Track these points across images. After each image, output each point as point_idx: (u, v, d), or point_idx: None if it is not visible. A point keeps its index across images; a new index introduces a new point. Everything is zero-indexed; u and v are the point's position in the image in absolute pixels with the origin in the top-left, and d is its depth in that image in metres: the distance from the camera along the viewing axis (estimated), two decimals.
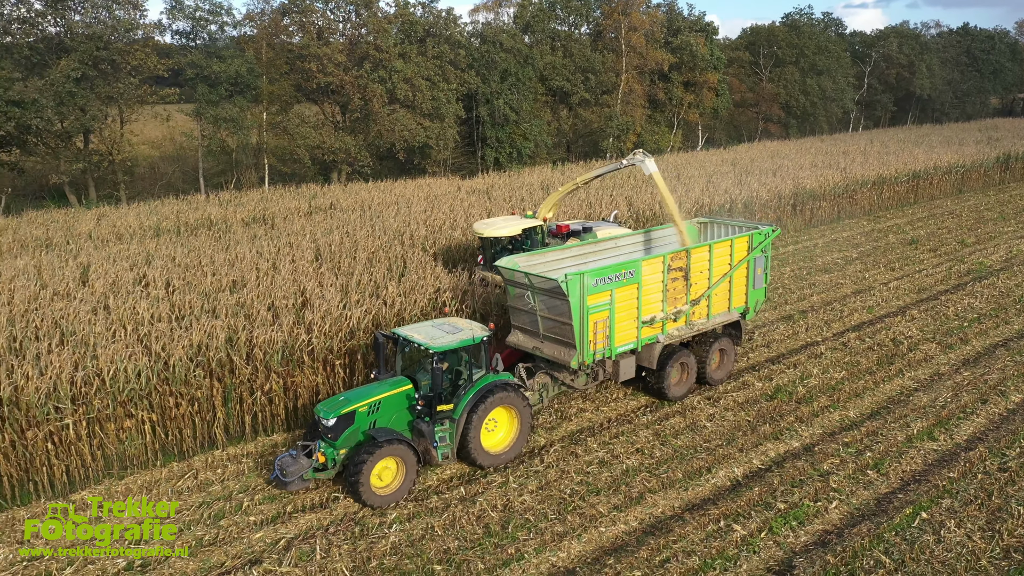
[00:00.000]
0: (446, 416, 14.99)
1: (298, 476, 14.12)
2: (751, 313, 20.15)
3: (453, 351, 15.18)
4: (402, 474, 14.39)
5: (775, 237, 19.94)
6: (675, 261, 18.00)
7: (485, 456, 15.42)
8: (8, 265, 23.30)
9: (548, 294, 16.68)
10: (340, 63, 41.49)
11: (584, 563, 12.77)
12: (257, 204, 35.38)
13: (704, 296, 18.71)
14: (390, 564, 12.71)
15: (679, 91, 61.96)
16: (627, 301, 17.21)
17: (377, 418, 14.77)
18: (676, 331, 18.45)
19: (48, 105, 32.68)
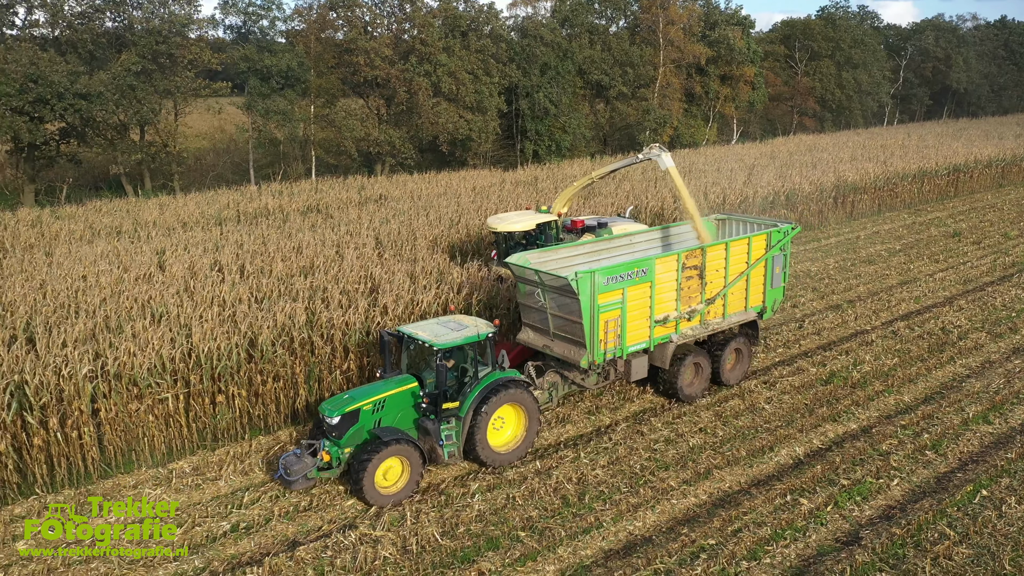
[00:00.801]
0: (452, 414, 14.78)
1: (302, 475, 14.08)
2: (769, 312, 19.74)
3: (458, 348, 14.85)
4: (407, 473, 14.25)
5: (795, 235, 19.53)
6: (690, 259, 17.65)
7: (492, 455, 15.27)
8: (87, 251, 24.39)
9: (558, 292, 16.44)
10: (386, 57, 42.34)
11: (659, 532, 13.49)
12: (309, 194, 36.39)
13: (720, 295, 18.32)
14: (476, 530, 13.52)
15: (715, 85, 62.21)
16: (639, 300, 16.90)
17: (382, 416, 14.59)
18: (690, 330, 18.09)
19: (112, 98, 33.83)
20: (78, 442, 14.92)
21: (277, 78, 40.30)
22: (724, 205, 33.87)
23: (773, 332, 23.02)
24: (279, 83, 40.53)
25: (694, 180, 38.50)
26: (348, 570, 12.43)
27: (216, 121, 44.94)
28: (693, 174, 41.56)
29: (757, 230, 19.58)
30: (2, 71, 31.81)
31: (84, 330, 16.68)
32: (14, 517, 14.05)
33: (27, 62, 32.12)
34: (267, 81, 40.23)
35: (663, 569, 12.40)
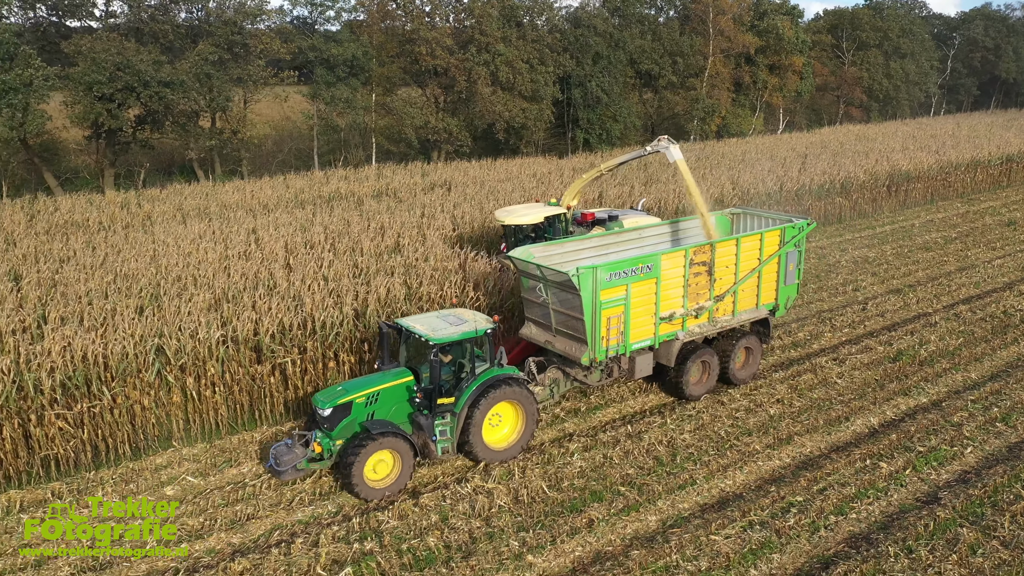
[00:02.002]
0: (447, 410, 14.67)
1: (291, 466, 14.05)
2: (781, 310, 19.35)
3: (454, 343, 14.70)
4: (398, 467, 14.23)
5: (810, 231, 19.07)
6: (698, 255, 17.23)
7: (487, 451, 15.14)
8: (183, 230, 25.95)
9: (560, 287, 16.20)
10: (447, 46, 43.52)
11: (749, 490, 14.58)
12: (375, 180, 37.76)
13: (729, 292, 17.95)
14: (579, 484, 14.71)
15: (764, 74, 62.53)
16: (644, 296, 16.57)
17: (375, 410, 14.51)
18: (697, 328, 17.73)
19: (192, 86, 35.43)
20: (211, 400, 16.36)
21: (342, 67, 41.66)
22: (781, 192, 34.65)
23: (837, 313, 23.92)
24: (344, 72, 41.90)
25: (748, 168, 39.30)
26: (468, 515, 13.70)
27: (282, 109, 46.48)
28: (746, 162, 42.33)
29: (771, 225, 19.12)
30: (93, 60, 33.49)
31: (206, 300, 18.13)
32: (157, 467, 15.57)
33: (115, 51, 33.78)
34: (333, 70, 41.62)
35: (757, 521, 13.49)
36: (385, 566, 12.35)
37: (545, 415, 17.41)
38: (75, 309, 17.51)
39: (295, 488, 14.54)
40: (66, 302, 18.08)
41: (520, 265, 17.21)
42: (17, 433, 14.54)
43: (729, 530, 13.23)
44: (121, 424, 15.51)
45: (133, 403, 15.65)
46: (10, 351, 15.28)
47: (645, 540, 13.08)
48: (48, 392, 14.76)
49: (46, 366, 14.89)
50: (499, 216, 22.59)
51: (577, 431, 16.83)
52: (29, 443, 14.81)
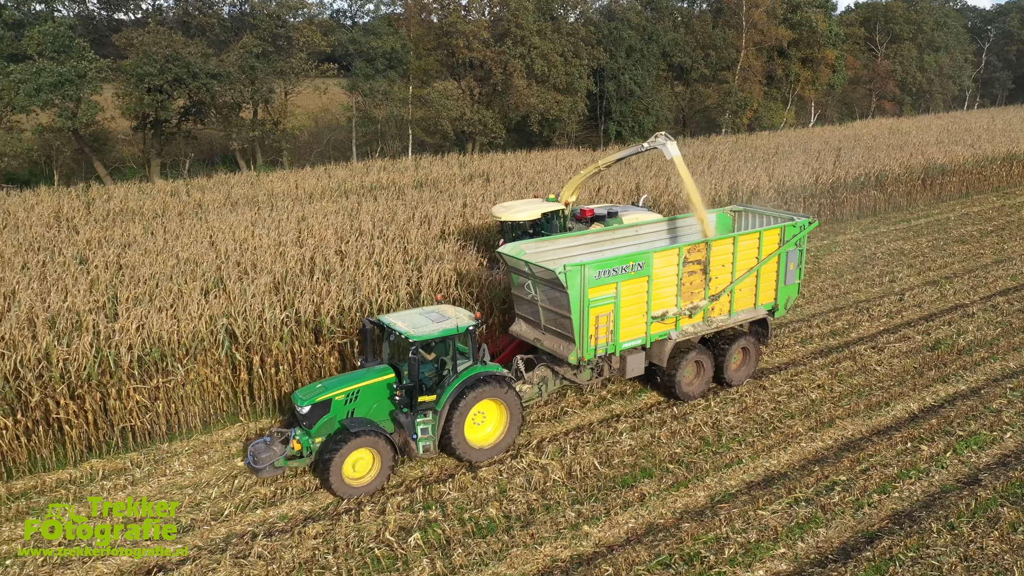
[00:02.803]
0: (429, 407, 14.49)
1: (269, 464, 14.01)
2: (781, 311, 18.91)
3: (435, 340, 14.54)
4: (377, 466, 14.15)
5: (812, 230, 18.67)
6: (693, 253, 16.87)
7: (469, 450, 14.96)
8: (234, 218, 26.84)
9: (548, 284, 15.94)
10: (484, 40, 44.16)
11: (793, 469, 15.13)
12: (414, 171, 38.51)
13: (725, 292, 17.56)
14: (629, 461, 15.35)
15: (796, 67, 62.52)
16: (635, 295, 16.27)
17: (355, 407, 14.44)
18: (691, 327, 17.40)
19: (239, 78, 36.39)
20: (275, 378, 17.17)
21: (381, 60, 42.44)
22: (816, 185, 34.95)
23: (874, 303, 24.29)
24: (383, 65, 42.69)
25: (782, 161, 39.59)
26: (525, 488, 14.38)
27: (321, 101, 47.38)
28: (779, 155, 42.59)
29: (773, 223, 18.68)
30: (144, 52, 34.51)
31: (267, 283, 18.94)
32: (226, 439, 16.42)
33: (165, 44, 34.78)
34: (371, 63, 42.41)
35: (802, 498, 14.04)
36: (449, 533, 13.08)
37: (591, 396, 18.05)
38: (144, 291, 18.41)
39: None
40: (135, 284, 18.99)
41: (510, 262, 16.96)
42: (98, 405, 15.43)
43: (776, 506, 13.80)
44: (193, 399, 16.37)
45: (204, 379, 16.49)
46: (89, 329, 16.17)
47: (695, 514, 13.69)
48: (126, 367, 15.64)
49: (125, 343, 15.76)
50: (496, 212, 22.25)
51: (624, 412, 17.45)
52: (108, 415, 15.71)
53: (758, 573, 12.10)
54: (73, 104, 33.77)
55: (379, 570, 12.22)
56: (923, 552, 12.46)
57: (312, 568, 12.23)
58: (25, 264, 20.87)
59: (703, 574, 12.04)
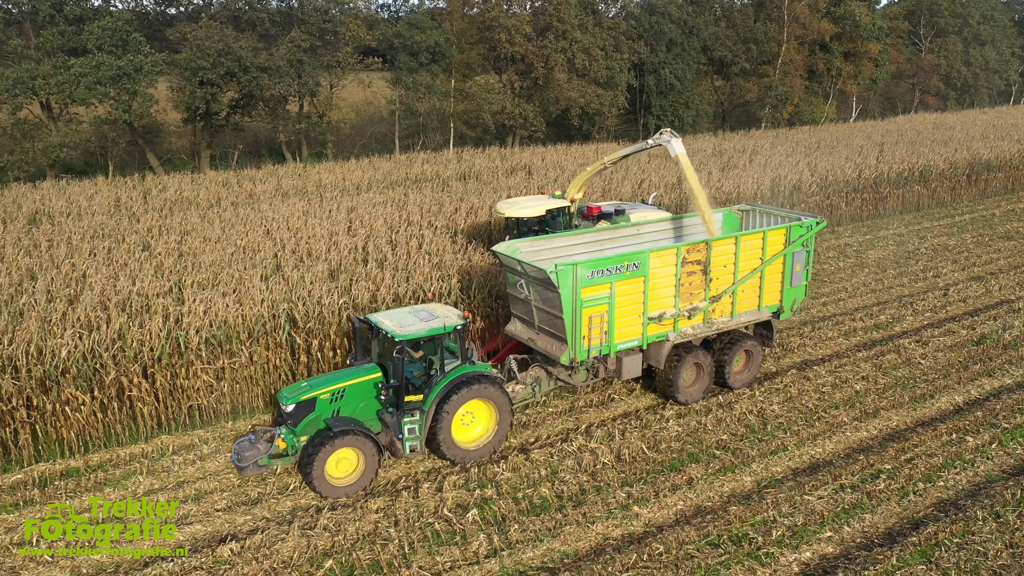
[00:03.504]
0: (416, 407, 14.38)
1: (253, 462, 14.00)
2: (787, 313, 18.35)
3: (421, 340, 14.41)
4: (362, 465, 14.07)
5: (820, 230, 18.28)
6: (692, 253, 16.47)
7: (456, 450, 14.81)
8: (286, 208, 27.64)
9: (541, 284, 15.65)
10: (526, 34, 44.57)
11: (838, 457, 15.42)
12: (456, 163, 39.11)
13: (727, 293, 17.16)
14: (676, 447, 15.77)
15: (838, 61, 61.99)
16: (630, 295, 15.95)
17: (341, 406, 14.35)
18: (691, 329, 17.02)
19: (288, 71, 37.27)
20: (333, 361, 17.84)
21: (425, 54, 43.06)
22: (859, 180, 34.90)
23: (918, 298, 24.36)
24: (426, 59, 43.30)
25: (823, 156, 39.50)
26: (576, 471, 14.88)
27: (365, 94, 48.17)
28: (821, 150, 42.48)
29: (782, 223, 18.19)
30: (197, 47, 35.50)
31: (324, 271, 19.64)
32: None
33: (217, 38, 35.73)
34: (415, 57, 43.06)
35: (848, 485, 14.35)
36: (504, 510, 13.62)
37: (637, 384, 18.45)
38: (207, 277, 19.19)
39: None
40: (197, 270, 19.80)
41: (504, 260, 16.71)
42: (169, 384, 16.22)
43: (821, 491, 14.13)
44: (256, 380, 17.10)
45: (265, 361, 17.21)
46: (158, 312, 16.97)
47: (742, 498, 14.07)
48: (194, 348, 16.40)
49: (193, 325, 16.53)
50: (500, 208, 22.00)
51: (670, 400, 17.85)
52: (175, 394, 16.49)
53: (805, 554, 12.46)
54: (129, 97, 34.86)
55: (439, 543, 12.80)
56: (968, 539, 12.72)
57: (375, 540, 12.84)
58: (92, 250, 21.80)
59: (751, 554, 12.43)
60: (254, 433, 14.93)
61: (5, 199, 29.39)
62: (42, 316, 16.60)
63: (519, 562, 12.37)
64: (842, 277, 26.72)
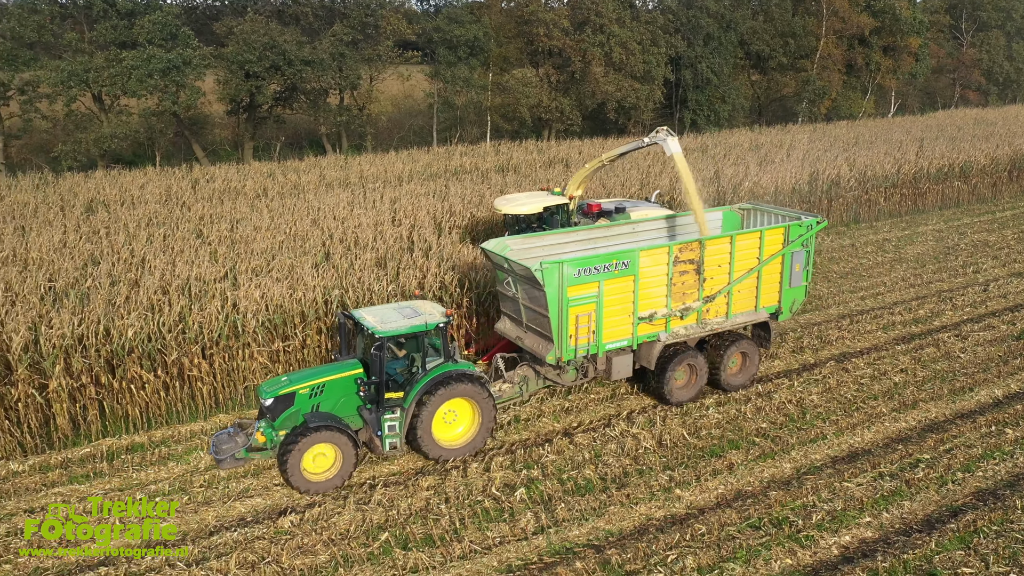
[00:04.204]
0: (397, 404, 14.29)
1: (230, 455, 14.01)
2: (786, 314, 18.07)
3: (402, 337, 14.32)
4: (339, 461, 14.04)
5: (820, 229, 17.94)
6: (685, 252, 16.23)
7: (437, 448, 14.76)
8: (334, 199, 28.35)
9: (527, 282, 15.46)
10: (564, 28, 44.90)
11: (876, 446, 15.69)
12: (494, 156, 39.63)
13: (721, 293, 16.89)
14: (716, 434, 16.13)
15: (877, 56, 61.47)
16: (620, 294, 15.73)
17: (320, 401, 14.28)
18: (683, 329, 16.75)
19: (331, 65, 38.03)
20: None
21: (463, 48, 43.58)
22: (898, 175, 34.80)
23: (958, 293, 24.39)
24: (465, 52, 43.83)
25: (862, 151, 39.38)
26: (619, 454, 15.31)
27: (403, 87, 48.86)
28: (860, 145, 42.32)
29: (782, 222, 17.92)
30: (244, 40, 36.36)
31: (372, 258, 20.25)
32: None
33: (263, 32, 36.57)
34: (454, 50, 43.59)
35: (887, 472, 14.63)
36: (550, 490, 14.10)
37: None
38: (260, 263, 19.90)
39: None
40: (250, 257, 20.52)
41: (493, 257, 16.56)
42: (227, 365, 16.93)
43: (860, 479, 14.42)
44: (309, 363, 17.75)
45: (318, 345, 17.86)
46: (216, 296, 17.69)
47: (782, 483, 14.41)
48: (251, 331, 17.09)
49: (250, 309, 17.22)
50: (497, 204, 21.80)
51: (709, 389, 18.19)
52: (232, 375, 17.20)
53: (845, 538, 12.78)
54: (177, 89, 35.82)
55: (488, 520, 13.32)
56: (1007, 527, 12.96)
57: (427, 515, 13.39)
58: (149, 237, 22.64)
59: (791, 536, 12.79)
60: (232, 426, 14.93)
61: (61, 188, 30.48)
62: (107, 299, 17.39)
63: (565, 539, 12.85)
64: (880, 272, 26.79)
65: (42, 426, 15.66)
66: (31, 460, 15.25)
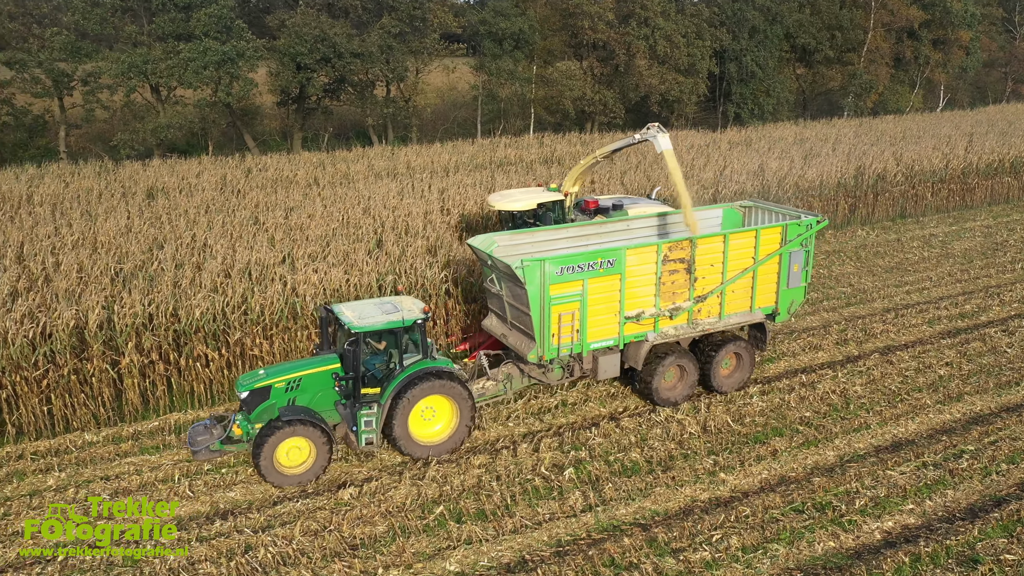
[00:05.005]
0: (374, 400, 14.30)
1: (204, 447, 14.07)
2: (783, 315, 17.62)
3: (377, 332, 14.24)
4: (314, 455, 14.05)
5: (820, 229, 17.44)
6: (675, 251, 15.89)
7: (413, 445, 14.69)
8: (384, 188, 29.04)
9: (510, 279, 15.27)
10: (609, 21, 45.11)
11: (920, 437, 15.87)
12: (538, 148, 40.04)
13: (714, 293, 16.53)
14: (760, 421, 16.45)
15: (927, 49, 60.54)
16: (605, 293, 15.43)
17: (296, 395, 14.30)
18: (672, 330, 16.42)
19: (379, 57, 38.78)
20: (432, 331, 19.03)
21: (509, 40, 44.02)
22: (946, 170, 34.50)
23: (1006, 289, 24.28)
24: (510, 45, 44.27)
25: (910, 145, 39.02)
26: (664, 439, 15.72)
27: (448, 79, 49.48)
28: (907, 139, 41.92)
29: (782, 221, 17.43)
30: (296, 33, 37.25)
31: (423, 245, 20.86)
32: None
33: (314, 25, 37.43)
34: (500, 43, 44.06)
35: (930, 462, 14.83)
36: (598, 471, 14.56)
37: None
38: (316, 249, 20.62)
39: (511, 407, 16.98)
40: (306, 243, 21.26)
41: (479, 254, 16.40)
42: (286, 346, 17.66)
43: (904, 467, 14.65)
44: None
45: None
46: (275, 279, 18.43)
47: (825, 470, 14.70)
48: (309, 313, 17.80)
49: (308, 292, 17.92)
50: (491, 200, 21.54)
51: (752, 378, 18.47)
52: (291, 355, 17.91)
53: (888, 523, 13.06)
54: (230, 80, 36.84)
55: (538, 497, 13.83)
56: None
57: (479, 492, 13.95)
58: (209, 223, 23.52)
59: (835, 520, 13.10)
60: (209, 418, 15.01)
61: (121, 175, 31.64)
62: (173, 281, 18.23)
63: (613, 517, 13.32)
64: (926, 267, 26.72)
65: (114, 400, 16.54)
66: (104, 432, 16.15)
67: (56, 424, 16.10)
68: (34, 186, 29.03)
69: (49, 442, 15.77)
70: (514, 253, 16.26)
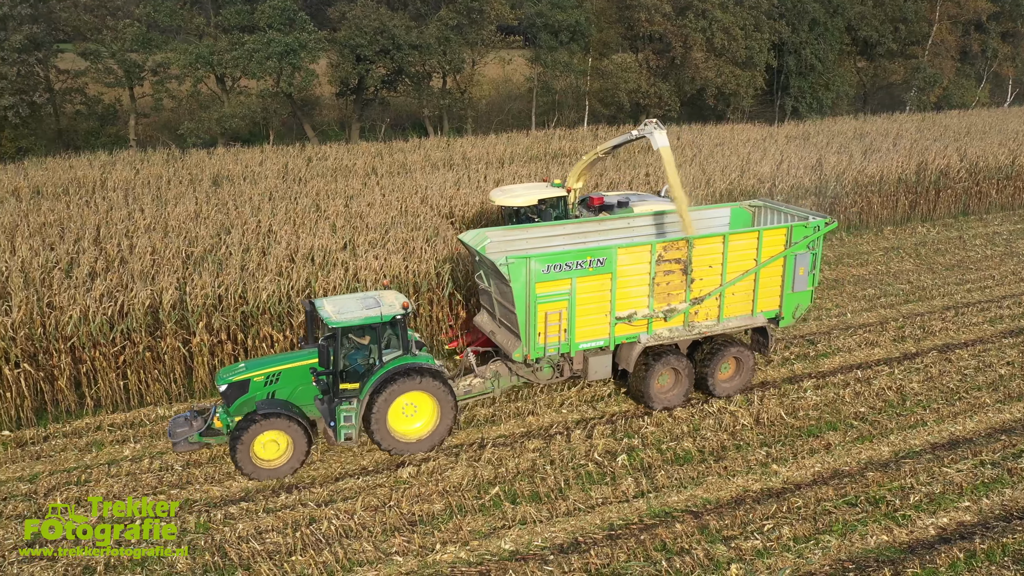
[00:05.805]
0: (353, 395, 14.25)
1: (183, 439, 14.17)
2: (788, 319, 17.04)
3: (355, 328, 14.13)
4: (291, 449, 14.08)
5: (829, 231, 16.92)
6: (670, 251, 15.50)
7: (392, 442, 14.60)
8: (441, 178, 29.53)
9: (497, 276, 14.98)
10: (665, 13, 44.90)
11: (978, 436, 15.72)
12: (592, 140, 40.11)
13: (712, 295, 16.09)
14: (814, 415, 16.46)
15: (995, 42, 58.79)
16: (595, 292, 15.11)
17: (275, 389, 14.32)
18: (667, 332, 16.03)
19: (437, 49, 39.30)
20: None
21: (565, 33, 44.13)
22: (1012, 167, 33.65)
23: None
24: (566, 37, 44.38)
25: (975, 141, 38.07)
26: (716, 429, 15.86)
27: (503, 71, 49.79)
28: (972, 135, 40.91)
29: (792, 221, 16.95)
30: (356, 25, 37.97)
31: None
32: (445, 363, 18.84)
33: (374, 17, 38.10)
34: (556, 35, 44.20)
35: (988, 461, 14.71)
36: (650, 459, 14.80)
37: (775, 356, 19.07)
38: (376, 236, 21.16)
39: (564, 393, 17.29)
40: (366, 230, 21.82)
41: (469, 249, 16.25)
42: None
43: (961, 465, 14.56)
44: (420, 330, 18.90)
45: (430, 314, 18.99)
46: (338, 264, 19.01)
47: (879, 465, 14.70)
48: None
49: (370, 278, 18.46)
50: (493, 196, 21.35)
51: (806, 373, 18.47)
52: None
53: (943, 520, 13.04)
54: (292, 71, 37.74)
55: (591, 482, 14.14)
56: None
57: (534, 475, 14.30)
58: (273, 209, 24.27)
59: (888, 515, 13.13)
60: (190, 411, 15.06)
61: (188, 163, 32.71)
62: (240, 264, 18.94)
63: (665, 504, 13.56)
64: (989, 265, 26.20)
65: (184, 376, 17.31)
66: (175, 407, 16.93)
67: (131, 398, 16.94)
68: (107, 172, 30.23)
69: (125, 415, 16.63)
70: (508, 249, 16.00)
